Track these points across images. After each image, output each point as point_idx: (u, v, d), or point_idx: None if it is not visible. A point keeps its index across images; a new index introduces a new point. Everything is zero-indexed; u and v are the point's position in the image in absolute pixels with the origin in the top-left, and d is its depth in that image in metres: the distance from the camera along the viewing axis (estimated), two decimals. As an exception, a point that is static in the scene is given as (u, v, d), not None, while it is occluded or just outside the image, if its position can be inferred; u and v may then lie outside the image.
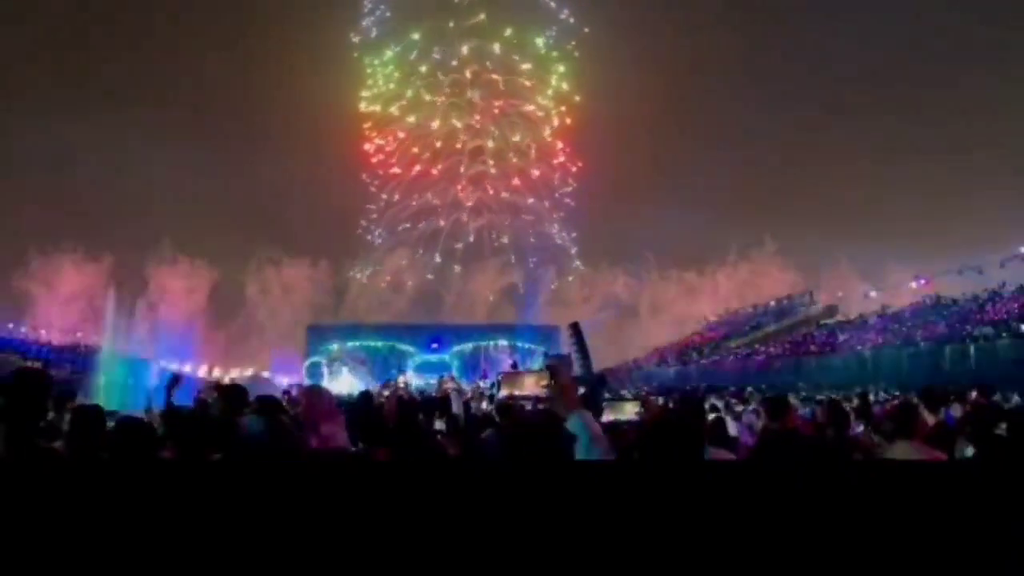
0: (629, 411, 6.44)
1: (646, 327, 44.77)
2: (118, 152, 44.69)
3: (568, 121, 50.01)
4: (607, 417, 6.21)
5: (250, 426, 4.27)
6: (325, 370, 36.79)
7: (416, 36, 48.78)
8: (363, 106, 49.94)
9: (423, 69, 49.26)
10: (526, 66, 49.80)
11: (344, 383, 31.14)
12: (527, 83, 50.05)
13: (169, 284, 43.03)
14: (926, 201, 42.76)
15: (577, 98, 49.61)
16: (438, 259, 48.27)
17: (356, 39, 49.43)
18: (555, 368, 2.19)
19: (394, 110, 49.83)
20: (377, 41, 49.66)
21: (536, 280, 46.60)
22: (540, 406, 6.96)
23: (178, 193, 45.88)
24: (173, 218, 44.69)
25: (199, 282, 43.52)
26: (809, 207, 45.16)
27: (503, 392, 9.88)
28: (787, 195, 46.14)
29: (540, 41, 50.03)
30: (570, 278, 48.28)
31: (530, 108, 50.17)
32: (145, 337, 32.52)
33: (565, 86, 50.15)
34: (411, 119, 49.80)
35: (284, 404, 5.89)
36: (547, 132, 50.30)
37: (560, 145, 50.37)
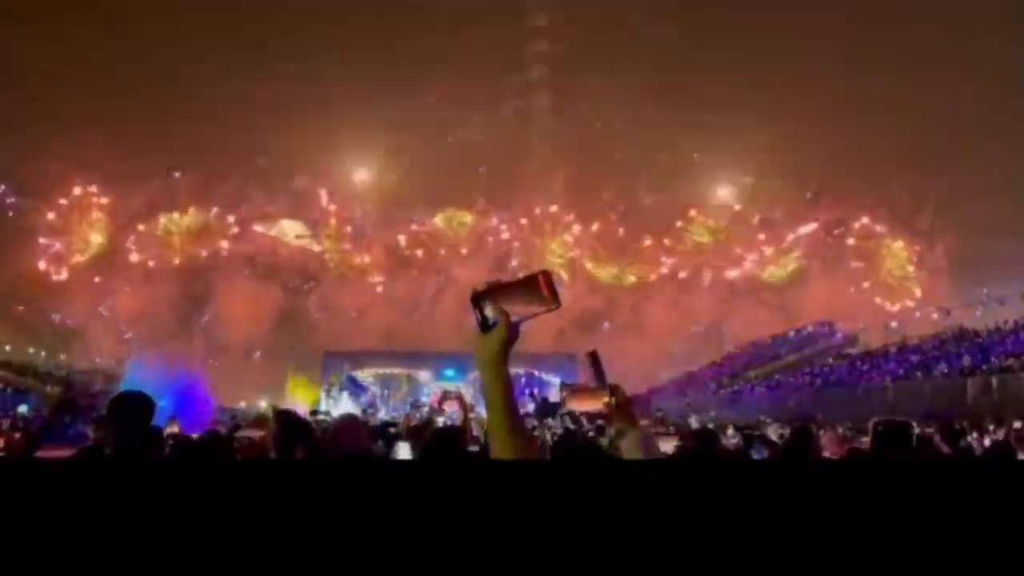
0: (669, 446, 6.44)
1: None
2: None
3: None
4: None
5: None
6: (323, 395, 36.35)
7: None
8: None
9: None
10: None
11: (342, 408, 31.04)
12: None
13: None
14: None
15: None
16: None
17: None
18: (615, 386, 2.33)
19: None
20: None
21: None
22: (600, 422, 6.99)
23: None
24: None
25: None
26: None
27: (568, 406, 9.92)
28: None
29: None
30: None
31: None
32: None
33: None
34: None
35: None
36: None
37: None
